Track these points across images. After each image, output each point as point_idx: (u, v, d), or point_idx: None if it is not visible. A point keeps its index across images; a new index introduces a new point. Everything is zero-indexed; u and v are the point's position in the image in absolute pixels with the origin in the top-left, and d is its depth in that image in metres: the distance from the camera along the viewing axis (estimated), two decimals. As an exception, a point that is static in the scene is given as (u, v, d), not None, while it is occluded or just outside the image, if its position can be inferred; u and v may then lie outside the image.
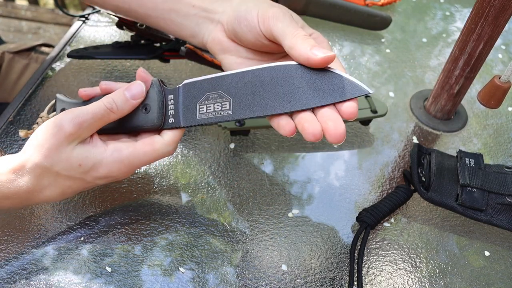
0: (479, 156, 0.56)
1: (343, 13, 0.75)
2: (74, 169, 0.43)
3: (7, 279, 0.45)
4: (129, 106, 0.45)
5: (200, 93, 0.44)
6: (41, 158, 0.42)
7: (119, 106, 0.44)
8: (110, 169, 0.44)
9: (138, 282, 0.46)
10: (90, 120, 0.43)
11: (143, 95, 0.45)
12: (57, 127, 0.42)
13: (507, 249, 0.53)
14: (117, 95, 0.44)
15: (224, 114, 0.43)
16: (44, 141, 0.42)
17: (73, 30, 0.71)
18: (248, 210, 0.53)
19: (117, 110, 0.44)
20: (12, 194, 0.43)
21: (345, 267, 0.50)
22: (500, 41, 0.80)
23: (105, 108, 0.44)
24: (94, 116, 0.43)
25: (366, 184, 0.57)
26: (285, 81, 0.42)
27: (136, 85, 0.45)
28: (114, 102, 0.44)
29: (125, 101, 0.44)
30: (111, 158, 0.44)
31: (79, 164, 0.43)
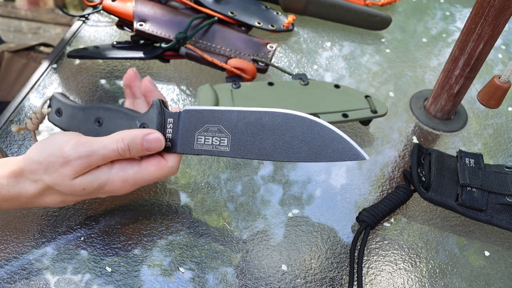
0: (479, 156, 0.56)
1: (343, 13, 0.75)
2: (77, 192, 0.43)
3: (7, 279, 0.45)
4: (141, 154, 0.44)
5: (201, 123, 0.44)
6: (44, 175, 0.42)
7: (133, 154, 0.43)
8: (115, 187, 0.44)
9: (138, 282, 0.46)
10: (99, 161, 0.42)
11: (160, 149, 0.44)
12: (63, 159, 0.41)
13: (507, 249, 0.53)
14: (134, 143, 0.43)
15: (221, 150, 0.44)
16: (48, 164, 0.42)
17: (73, 30, 0.71)
18: (248, 210, 0.53)
19: (129, 156, 0.43)
20: (12, 198, 0.43)
21: (345, 267, 0.50)
22: (500, 41, 0.80)
23: (118, 154, 0.43)
24: (104, 160, 0.42)
25: (366, 184, 0.57)
26: (286, 130, 0.42)
27: (156, 139, 0.43)
28: (129, 150, 0.43)
29: (140, 151, 0.43)
30: (116, 177, 0.43)
31: (82, 189, 0.43)
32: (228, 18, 0.68)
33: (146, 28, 0.64)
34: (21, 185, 0.43)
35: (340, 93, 0.61)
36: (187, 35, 0.63)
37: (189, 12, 0.68)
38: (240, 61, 0.63)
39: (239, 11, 0.70)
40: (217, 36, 0.66)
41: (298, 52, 0.73)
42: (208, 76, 0.67)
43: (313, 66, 0.71)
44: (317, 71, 0.70)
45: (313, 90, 0.61)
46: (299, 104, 0.59)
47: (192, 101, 0.64)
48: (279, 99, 0.59)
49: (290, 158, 0.42)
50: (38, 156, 0.42)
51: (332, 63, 0.72)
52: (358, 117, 0.59)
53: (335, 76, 0.70)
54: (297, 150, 0.42)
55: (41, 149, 0.42)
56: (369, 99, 0.61)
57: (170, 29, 0.64)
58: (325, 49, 0.74)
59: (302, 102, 0.59)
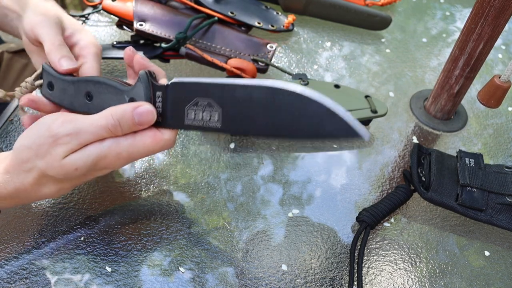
0: (479, 156, 0.56)
1: (343, 13, 0.75)
2: (70, 173, 0.41)
3: (7, 279, 0.45)
4: (134, 130, 0.42)
5: (190, 96, 0.42)
6: (36, 160, 0.41)
7: (124, 129, 0.41)
8: (109, 162, 0.42)
9: (138, 282, 0.46)
10: (89, 139, 0.41)
11: (152, 122, 0.42)
12: (52, 138, 0.40)
13: (507, 249, 0.53)
14: (124, 118, 0.41)
15: (212, 126, 0.42)
16: (38, 147, 0.41)
17: (73, 30, 0.71)
18: (248, 210, 0.53)
19: (121, 133, 0.41)
20: (10, 195, 0.43)
21: (345, 267, 0.50)
22: (500, 41, 0.80)
23: (109, 130, 0.41)
24: (94, 137, 0.41)
25: (366, 184, 0.57)
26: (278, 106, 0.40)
27: (147, 111, 0.41)
28: (120, 126, 0.41)
29: (131, 125, 0.41)
30: (108, 151, 0.41)
31: (75, 169, 0.41)
32: (228, 18, 0.68)
33: (146, 28, 0.64)
34: (16, 180, 0.42)
35: (340, 93, 0.61)
36: (187, 35, 0.63)
37: (189, 12, 0.68)
38: (240, 61, 0.63)
39: (239, 11, 0.70)
40: (217, 36, 0.66)
41: (298, 52, 0.73)
42: (208, 76, 0.67)
43: (313, 66, 0.71)
44: (317, 71, 0.70)
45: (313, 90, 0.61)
46: (299, 104, 0.59)
47: (192, 101, 0.64)
48: (279, 99, 0.59)
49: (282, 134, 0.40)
50: (27, 141, 0.41)
51: (332, 63, 0.72)
52: (358, 117, 0.59)
53: (335, 76, 0.70)
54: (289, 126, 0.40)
55: (29, 134, 0.41)
56: (369, 99, 0.61)
57: (170, 29, 0.64)
58: (325, 49, 0.74)
59: (302, 102, 0.59)
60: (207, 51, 0.64)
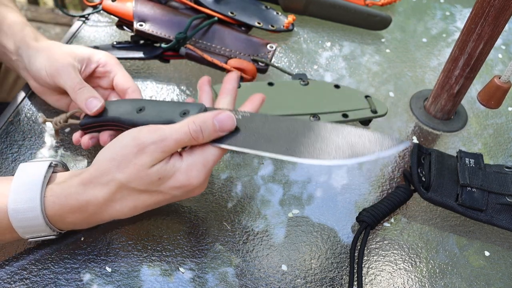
0: (479, 156, 0.56)
1: (343, 13, 0.75)
2: (152, 184, 0.42)
3: (7, 279, 0.45)
4: (214, 136, 0.43)
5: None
6: (117, 173, 0.41)
7: (206, 136, 0.42)
8: (189, 174, 0.42)
9: (138, 282, 0.46)
10: (173, 146, 0.41)
11: (233, 128, 0.43)
12: (137, 147, 0.41)
13: (507, 249, 0.53)
14: (206, 125, 0.42)
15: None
16: (122, 158, 0.41)
17: (73, 30, 0.71)
18: (248, 210, 0.53)
19: (202, 140, 0.42)
20: (79, 207, 0.42)
21: (345, 267, 0.50)
22: (500, 41, 0.80)
23: (191, 137, 0.41)
24: (177, 144, 0.41)
25: (366, 184, 0.57)
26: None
27: (227, 117, 0.43)
28: (201, 132, 0.42)
29: (213, 132, 0.42)
30: (185, 164, 0.42)
31: (158, 178, 0.41)
32: (228, 18, 0.68)
33: (146, 28, 0.64)
34: (89, 192, 0.41)
35: (340, 93, 0.61)
36: (187, 35, 0.63)
37: (189, 12, 0.68)
38: (240, 61, 0.63)
39: (239, 11, 0.70)
40: (217, 36, 0.66)
41: (298, 52, 0.73)
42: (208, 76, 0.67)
43: (313, 66, 0.71)
44: (317, 71, 0.70)
45: (313, 90, 0.61)
46: (299, 104, 0.59)
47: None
48: (279, 99, 0.59)
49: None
50: (110, 153, 0.41)
51: (332, 63, 0.72)
52: (358, 117, 0.59)
53: (335, 76, 0.70)
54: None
55: (113, 146, 0.42)
56: (369, 99, 0.61)
57: (170, 29, 0.64)
58: (325, 49, 0.74)
59: (302, 102, 0.59)
60: (207, 51, 0.64)
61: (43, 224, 0.41)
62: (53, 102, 0.57)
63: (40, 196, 0.41)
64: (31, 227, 0.42)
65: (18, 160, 0.54)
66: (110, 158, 0.41)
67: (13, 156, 0.54)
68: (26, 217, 0.41)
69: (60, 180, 0.43)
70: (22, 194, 0.41)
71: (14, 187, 0.42)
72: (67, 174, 0.44)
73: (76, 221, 0.43)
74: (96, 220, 0.44)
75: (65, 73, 0.51)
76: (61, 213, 0.42)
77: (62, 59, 0.52)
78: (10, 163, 0.54)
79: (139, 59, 0.64)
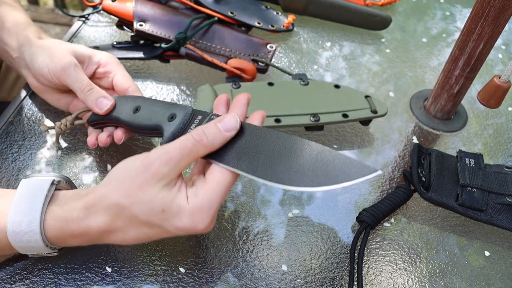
0: (479, 156, 0.56)
1: (343, 13, 0.75)
2: (155, 215, 0.39)
3: (7, 279, 0.45)
4: (221, 139, 0.40)
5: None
6: (120, 196, 0.39)
7: (210, 138, 0.40)
8: (194, 218, 0.39)
9: (138, 282, 0.46)
10: (178, 156, 0.39)
11: (238, 127, 0.41)
12: (144, 167, 0.39)
13: (507, 249, 0.53)
14: (208, 127, 0.40)
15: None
16: (127, 178, 0.39)
17: (73, 30, 0.71)
18: (248, 210, 0.53)
19: (207, 143, 0.40)
20: (81, 233, 0.40)
21: (345, 267, 0.50)
22: (500, 41, 0.80)
23: (194, 141, 0.39)
24: (181, 152, 0.39)
25: (366, 184, 0.57)
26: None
27: (229, 117, 0.41)
28: (205, 134, 0.40)
29: (217, 133, 0.40)
30: (190, 207, 0.39)
31: (162, 210, 0.38)
32: (228, 18, 0.68)
33: (146, 28, 0.64)
34: (91, 218, 0.40)
35: (340, 93, 0.61)
36: (187, 35, 0.63)
37: (189, 12, 0.68)
38: (240, 61, 0.63)
39: (239, 11, 0.70)
40: (217, 36, 0.66)
41: (298, 52, 0.73)
42: (208, 76, 0.67)
43: (313, 66, 0.71)
44: (317, 71, 0.70)
45: (313, 90, 0.61)
46: (299, 104, 0.59)
47: (192, 101, 0.64)
48: (279, 99, 0.59)
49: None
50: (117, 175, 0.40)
51: (332, 63, 0.72)
52: (358, 117, 0.59)
53: (335, 76, 0.70)
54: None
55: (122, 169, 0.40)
56: (369, 99, 0.61)
57: (170, 29, 0.64)
58: (325, 49, 0.74)
59: (302, 102, 0.59)
60: (207, 51, 0.64)
61: (42, 246, 0.41)
62: (53, 101, 0.56)
63: (40, 219, 0.40)
64: (31, 248, 0.41)
65: (18, 160, 0.54)
66: (117, 180, 0.39)
67: (13, 156, 0.54)
68: (25, 239, 0.40)
69: (63, 200, 0.42)
70: (21, 216, 0.40)
71: (14, 207, 0.40)
72: (71, 194, 0.42)
73: (77, 243, 0.42)
74: (98, 243, 0.42)
75: (72, 74, 0.51)
76: (62, 236, 0.41)
77: (65, 58, 0.52)
78: (10, 163, 0.54)
79: (139, 59, 0.64)
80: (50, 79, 0.53)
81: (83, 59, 0.54)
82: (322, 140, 0.61)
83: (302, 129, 0.61)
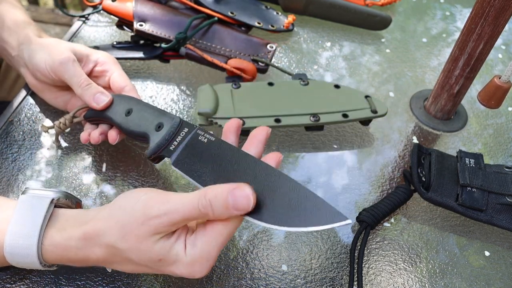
0: (479, 156, 0.56)
1: (343, 13, 0.75)
2: (152, 262, 0.38)
3: (8, 279, 0.45)
4: (227, 215, 0.37)
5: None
6: (117, 238, 0.38)
7: (216, 213, 0.37)
8: (192, 269, 0.38)
9: (138, 282, 0.46)
10: (180, 220, 0.37)
11: (250, 209, 0.36)
12: (143, 217, 0.37)
13: (507, 249, 0.53)
14: (217, 200, 0.36)
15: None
16: (126, 223, 0.38)
17: (73, 30, 0.71)
18: (248, 210, 0.53)
19: (213, 216, 0.37)
20: (79, 260, 0.40)
21: (345, 267, 0.50)
22: (500, 41, 0.80)
23: (200, 212, 0.37)
24: (184, 219, 0.37)
25: (366, 184, 0.57)
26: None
27: (244, 196, 0.36)
28: (211, 208, 0.36)
29: (225, 209, 0.36)
30: (188, 258, 0.38)
31: (159, 259, 0.38)
32: (228, 18, 0.68)
33: (146, 28, 0.64)
34: (89, 249, 0.39)
35: (340, 93, 0.61)
36: (187, 35, 0.63)
37: (189, 12, 0.68)
38: (240, 61, 0.63)
39: (239, 11, 0.70)
40: (217, 36, 0.66)
41: (298, 52, 0.73)
42: (208, 76, 0.67)
43: (313, 66, 0.71)
44: (317, 71, 0.70)
45: (313, 90, 0.61)
46: (299, 104, 0.59)
47: (192, 101, 0.64)
48: (279, 99, 0.59)
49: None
50: (117, 212, 0.39)
51: (332, 63, 0.72)
52: (358, 117, 0.59)
53: (335, 76, 0.70)
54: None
55: (124, 206, 0.39)
56: (369, 99, 0.61)
57: (170, 29, 0.64)
58: (325, 49, 0.74)
59: (302, 102, 0.59)
60: (207, 51, 0.64)
61: (40, 266, 0.41)
62: (51, 99, 0.57)
63: (38, 243, 0.39)
64: (29, 266, 0.41)
65: (18, 160, 0.54)
66: (117, 219, 0.39)
67: (13, 156, 0.54)
68: (22, 261, 0.40)
69: (62, 225, 0.41)
70: (19, 239, 0.39)
71: (12, 228, 0.40)
72: (71, 219, 0.41)
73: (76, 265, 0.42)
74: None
75: (70, 69, 0.52)
76: (60, 260, 0.41)
77: (63, 53, 0.52)
78: (10, 163, 0.54)
79: (139, 59, 0.64)
80: (47, 75, 0.53)
81: (81, 57, 0.54)
82: (322, 140, 0.61)
83: (302, 129, 0.61)
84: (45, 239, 0.40)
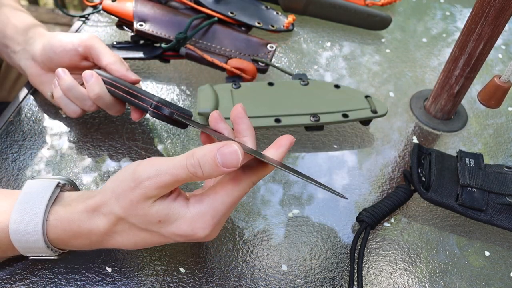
0: (479, 156, 0.56)
1: (343, 13, 0.75)
2: (152, 225, 0.39)
3: (7, 279, 0.45)
4: (217, 173, 0.37)
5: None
6: (116, 207, 0.39)
7: (206, 172, 0.37)
8: (194, 225, 0.38)
9: (138, 282, 0.46)
10: (170, 181, 0.37)
11: (239, 165, 0.36)
12: (134, 182, 0.38)
13: (507, 249, 0.53)
14: (205, 159, 0.36)
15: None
16: (121, 192, 0.39)
17: (73, 30, 0.71)
18: (248, 210, 0.53)
19: (202, 176, 0.37)
20: (82, 234, 0.41)
21: (345, 267, 0.50)
22: (500, 41, 0.80)
23: (188, 172, 0.37)
24: (174, 180, 0.37)
25: (366, 184, 0.57)
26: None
27: (231, 151, 0.36)
28: (200, 167, 0.36)
29: (214, 167, 0.36)
30: (191, 213, 0.38)
31: (158, 221, 0.39)
32: (228, 18, 0.68)
33: (146, 28, 0.64)
34: (92, 221, 0.40)
35: (340, 93, 0.61)
36: (187, 35, 0.63)
37: (189, 12, 0.68)
38: (240, 61, 0.63)
39: (239, 11, 0.70)
40: (217, 36, 0.66)
41: (298, 52, 0.73)
42: (208, 76, 0.67)
43: (313, 66, 0.71)
44: (317, 71, 0.70)
45: (313, 90, 0.61)
46: (299, 104, 0.59)
47: (192, 101, 0.64)
48: (279, 99, 0.59)
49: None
50: (113, 184, 0.40)
51: (332, 63, 0.72)
52: (358, 117, 0.59)
53: (335, 76, 0.70)
54: None
55: (116, 177, 0.40)
56: (369, 99, 0.61)
57: (170, 29, 0.64)
58: (325, 49, 0.74)
59: (302, 102, 0.59)
60: (207, 51, 0.64)
61: (44, 247, 0.41)
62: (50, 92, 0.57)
63: (43, 220, 0.40)
64: (32, 248, 0.41)
65: (18, 160, 0.54)
66: (112, 189, 0.39)
67: (13, 156, 0.55)
68: (27, 239, 0.40)
69: (67, 201, 0.42)
70: (24, 216, 0.40)
71: (17, 207, 0.41)
72: (75, 196, 0.43)
73: (78, 246, 0.42)
74: (99, 247, 0.43)
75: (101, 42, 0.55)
76: (63, 237, 0.41)
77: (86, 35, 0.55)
78: (10, 163, 0.54)
79: (139, 59, 0.65)
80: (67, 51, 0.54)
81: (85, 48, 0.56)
82: (322, 140, 0.61)
83: (302, 129, 0.61)
84: (50, 214, 0.41)
